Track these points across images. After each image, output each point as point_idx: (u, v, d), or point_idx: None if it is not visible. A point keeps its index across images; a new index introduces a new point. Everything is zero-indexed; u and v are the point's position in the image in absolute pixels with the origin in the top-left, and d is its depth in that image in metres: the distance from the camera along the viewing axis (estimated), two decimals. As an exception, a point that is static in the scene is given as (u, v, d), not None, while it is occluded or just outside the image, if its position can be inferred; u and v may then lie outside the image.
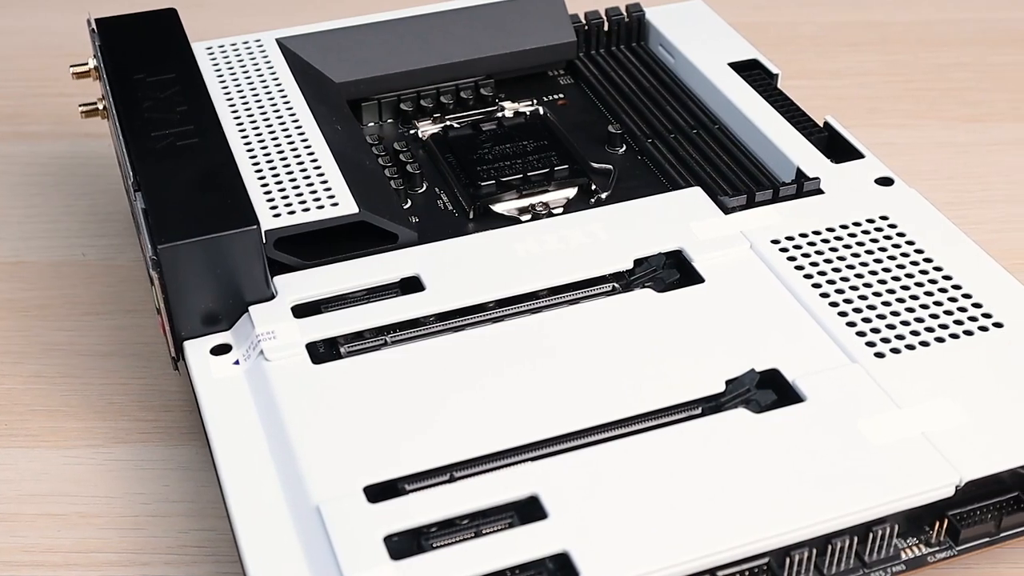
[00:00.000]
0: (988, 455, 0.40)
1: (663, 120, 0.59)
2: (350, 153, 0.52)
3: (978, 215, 0.62)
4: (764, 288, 0.47)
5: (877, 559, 0.39)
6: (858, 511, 0.38)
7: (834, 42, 0.77)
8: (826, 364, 0.44)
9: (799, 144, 0.55)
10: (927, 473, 0.40)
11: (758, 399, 0.43)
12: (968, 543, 0.40)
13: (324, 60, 0.59)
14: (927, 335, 0.45)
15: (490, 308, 0.47)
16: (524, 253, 0.49)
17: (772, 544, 0.38)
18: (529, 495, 0.39)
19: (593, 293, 0.48)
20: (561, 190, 0.54)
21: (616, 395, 0.43)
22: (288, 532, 0.39)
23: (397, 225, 0.49)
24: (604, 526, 0.38)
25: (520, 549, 0.37)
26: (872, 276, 0.48)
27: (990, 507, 0.41)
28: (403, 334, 0.46)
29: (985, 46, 0.77)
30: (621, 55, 0.64)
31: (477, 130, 0.58)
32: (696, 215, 0.51)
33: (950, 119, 0.70)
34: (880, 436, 0.41)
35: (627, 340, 0.45)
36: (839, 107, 0.71)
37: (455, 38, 0.61)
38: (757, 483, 0.39)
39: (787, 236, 0.50)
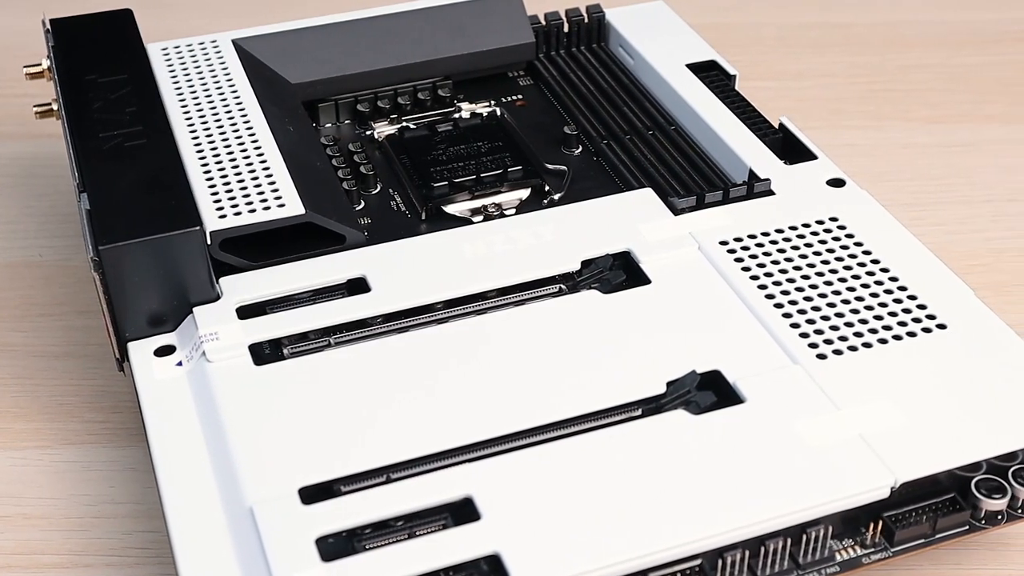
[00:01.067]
0: (924, 457, 0.40)
1: (619, 121, 0.59)
2: (301, 154, 0.52)
3: (936, 216, 0.62)
4: (710, 289, 0.47)
5: (811, 560, 0.39)
6: (791, 513, 0.38)
7: (798, 43, 0.77)
8: (768, 366, 0.44)
9: (752, 145, 0.55)
10: (862, 475, 0.40)
11: (698, 400, 0.43)
12: (903, 544, 0.40)
13: (280, 61, 0.59)
14: (870, 336, 0.45)
15: (436, 309, 0.47)
16: (472, 254, 0.49)
17: (705, 546, 0.38)
18: (463, 497, 0.39)
19: (539, 294, 0.48)
20: (514, 191, 0.54)
21: (557, 396, 0.43)
22: (222, 533, 0.38)
23: (344, 226, 0.49)
24: (537, 528, 0.38)
25: (451, 551, 0.37)
26: (819, 278, 0.48)
27: (926, 508, 0.41)
28: (347, 335, 0.46)
29: (949, 48, 0.77)
30: (581, 56, 0.64)
31: (432, 131, 0.58)
32: (646, 216, 0.51)
33: (912, 120, 0.70)
34: (817, 438, 0.41)
35: (571, 341, 0.45)
36: (802, 108, 0.71)
37: (413, 39, 0.61)
38: (692, 485, 0.39)
39: (736, 237, 0.50)
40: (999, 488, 0.41)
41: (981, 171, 0.65)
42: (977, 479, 0.41)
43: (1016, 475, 0.41)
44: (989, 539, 0.46)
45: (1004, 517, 0.41)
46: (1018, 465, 0.41)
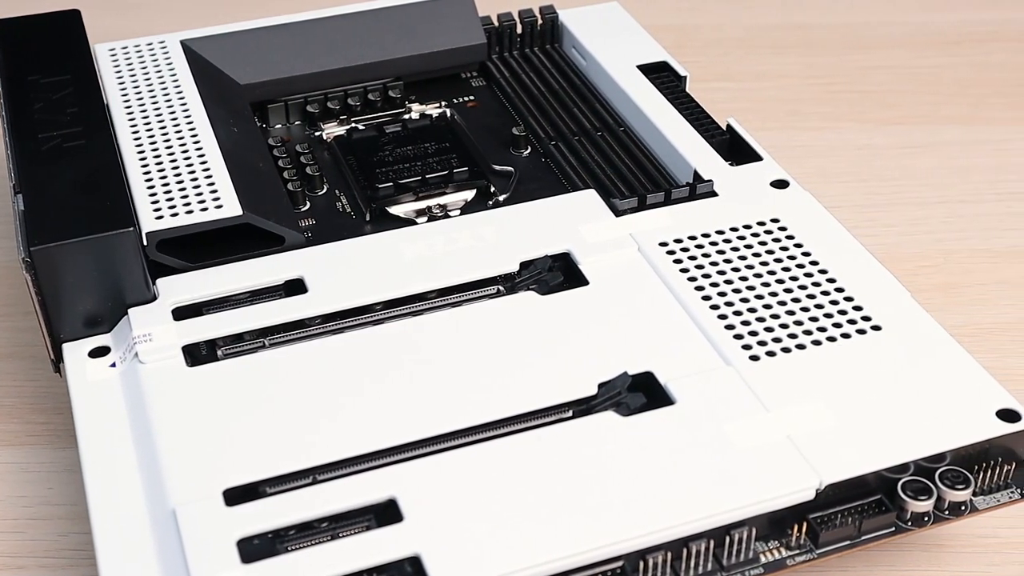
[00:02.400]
0: (851, 458, 0.40)
1: (569, 122, 0.59)
2: (243, 155, 0.52)
3: (888, 218, 0.62)
4: (647, 291, 0.47)
5: (735, 562, 0.39)
6: (714, 515, 0.38)
7: (759, 44, 0.77)
8: (700, 367, 0.44)
9: (698, 146, 0.55)
10: (787, 476, 0.40)
11: (628, 402, 0.43)
12: (828, 546, 0.40)
13: (229, 62, 0.59)
14: (804, 338, 0.45)
15: (374, 310, 0.47)
16: (411, 255, 0.49)
17: (626, 548, 0.38)
18: (388, 498, 0.39)
19: (477, 295, 0.48)
20: (459, 192, 0.54)
21: (489, 398, 0.43)
22: (145, 535, 0.38)
23: (283, 227, 0.49)
24: (458, 529, 0.38)
25: (370, 553, 0.37)
26: (756, 279, 0.48)
27: (851, 510, 0.40)
28: (282, 336, 0.46)
29: (910, 49, 0.77)
30: (535, 57, 0.64)
31: (381, 132, 0.58)
32: (587, 218, 0.51)
33: (869, 122, 0.70)
34: (744, 439, 0.41)
35: (506, 343, 0.45)
36: (759, 109, 0.71)
37: (363, 40, 0.61)
38: (616, 487, 0.39)
39: (676, 239, 0.50)
40: (925, 490, 0.41)
41: (936, 172, 0.65)
42: (904, 481, 0.41)
43: (943, 477, 0.41)
44: (923, 540, 0.46)
45: (931, 518, 0.41)
46: (945, 467, 0.41)
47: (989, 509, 0.42)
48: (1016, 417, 0.42)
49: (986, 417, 0.42)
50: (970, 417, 0.42)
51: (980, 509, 0.41)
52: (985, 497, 0.42)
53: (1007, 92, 0.72)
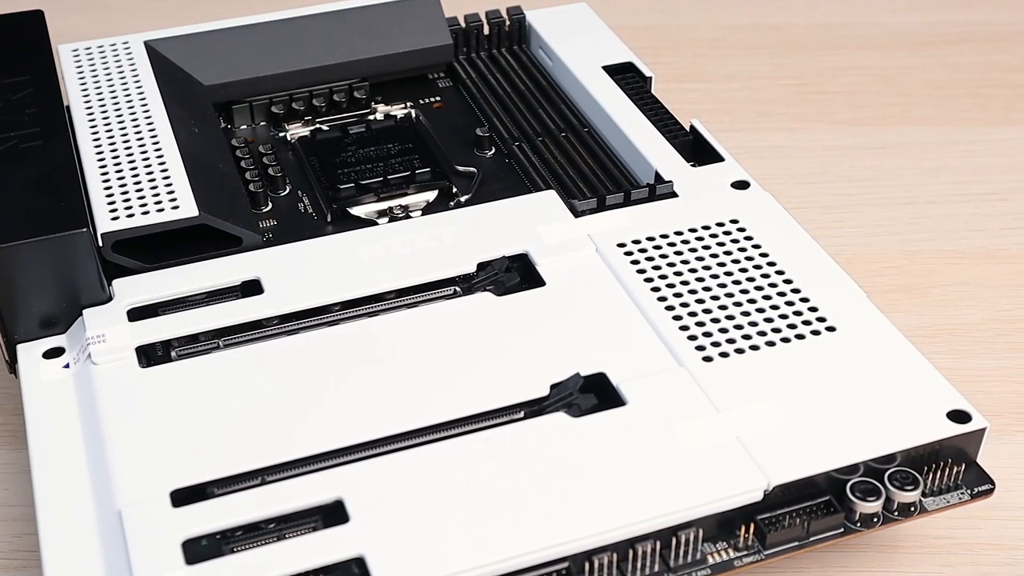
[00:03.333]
0: (799, 459, 0.40)
1: (533, 123, 0.59)
2: (203, 156, 0.52)
3: (855, 219, 0.62)
4: (603, 292, 0.47)
5: (682, 563, 0.39)
6: (660, 516, 0.38)
7: (732, 45, 0.77)
8: (653, 368, 0.44)
9: (660, 147, 0.55)
10: (735, 478, 0.40)
11: (579, 403, 0.43)
12: (776, 547, 0.40)
13: (193, 63, 0.59)
14: (758, 339, 0.45)
15: (331, 311, 0.47)
16: (368, 256, 0.49)
17: (570, 549, 0.38)
18: (335, 499, 0.39)
19: (433, 296, 0.48)
20: (421, 193, 0.54)
21: (441, 399, 0.43)
22: (91, 537, 0.38)
23: (241, 228, 0.49)
24: (404, 531, 0.38)
25: (315, 554, 0.37)
26: (713, 280, 0.48)
27: (800, 511, 0.40)
28: (236, 337, 0.46)
29: (881, 50, 0.77)
30: (502, 58, 0.64)
31: (345, 133, 0.58)
32: (546, 219, 0.51)
33: (838, 122, 0.70)
34: (693, 440, 0.41)
35: (461, 344, 0.45)
36: (730, 110, 0.71)
37: (328, 41, 0.61)
38: (562, 488, 0.39)
39: (634, 240, 0.50)
40: (874, 491, 0.41)
41: (903, 173, 0.66)
42: (853, 482, 0.41)
43: (892, 478, 0.41)
44: (877, 541, 0.46)
45: (880, 520, 0.41)
46: (895, 468, 0.41)
47: (939, 510, 0.42)
48: (966, 418, 0.42)
49: (936, 418, 0.42)
50: (920, 418, 0.42)
51: (930, 510, 0.41)
52: (935, 498, 0.42)
53: (977, 93, 0.72)
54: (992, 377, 0.53)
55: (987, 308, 0.56)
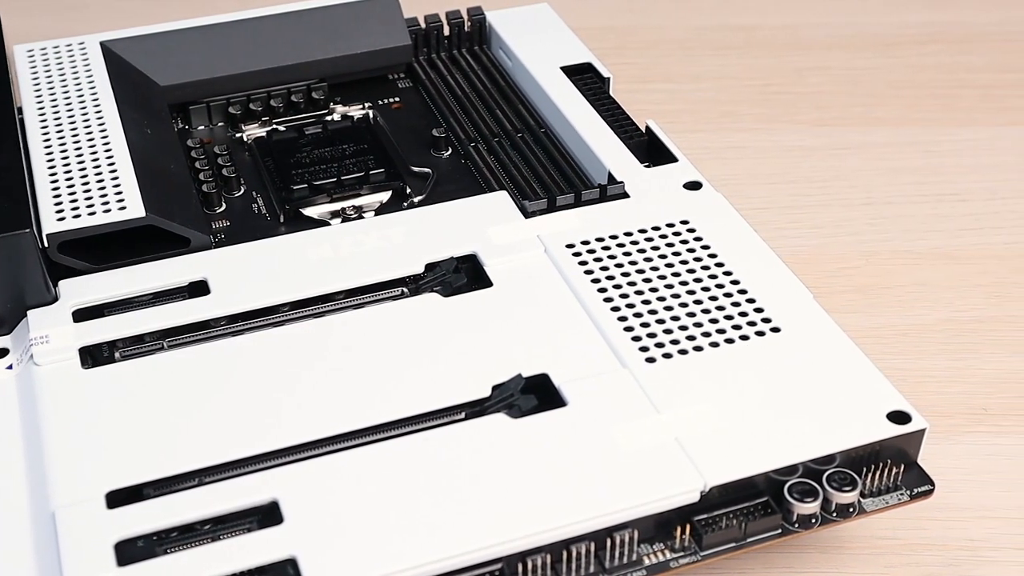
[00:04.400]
0: (737, 460, 0.40)
1: (491, 124, 0.59)
2: (154, 157, 0.52)
3: (813, 219, 0.62)
4: (550, 293, 0.47)
5: (618, 564, 0.39)
6: (594, 517, 0.38)
7: (699, 46, 0.77)
8: (596, 369, 0.44)
9: (614, 148, 0.55)
10: (672, 479, 0.40)
11: (520, 404, 0.43)
12: (713, 548, 0.40)
13: (149, 63, 0.59)
14: (703, 340, 0.45)
15: (276, 312, 0.47)
16: (317, 257, 0.49)
17: (503, 550, 0.38)
18: (270, 500, 0.39)
19: (380, 297, 0.48)
20: (375, 194, 0.54)
21: (383, 400, 0.43)
22: (25, 539, 0.38)
23: (189, 229, 0.49)
24: (338, 532, 0.38)
25: (247, 555, 0.37)
26: (660, 281, 0.48)
27: (737, 512, 0.40)
28: (182, 338, 0.46)
29: (848, 50, 0.77)
30: (462, 59, 0.64)
31: (301, 134, 0.58)
32: (496, 219, 0.51)
33: (802, 123, 0.70)
34: (632, 442, 0.41)
35: (405, 344, 0.45)
36: (695, 110, 0.71)
37: (286, 41, 0.60)
38: (498, 489, 0.39)
39: (583, 240, 0.50)
40: (811, 492, 0.41)
41: (864, 174, 0.65)
42: (791, 483, 0.41)
43: (830, 479, 0.41)
44: (822, 542, 0.46)
45: (818, 520, 0.41)
46: (834, 469, 0.41)
47: (878, 511, 0.42)
48: (906, 419, 0.42)
49: (876, 419, 0.42)
50: (860, 419, 0.42)
51: (868, 511, 0.41)
52: (875, 499, 0.42)
53: (940, 94, 0.72)
54: (944, 378, 0.53)
55: (942, 309, 0.56)
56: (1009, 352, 0.54)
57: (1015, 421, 0.50)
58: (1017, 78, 0.73)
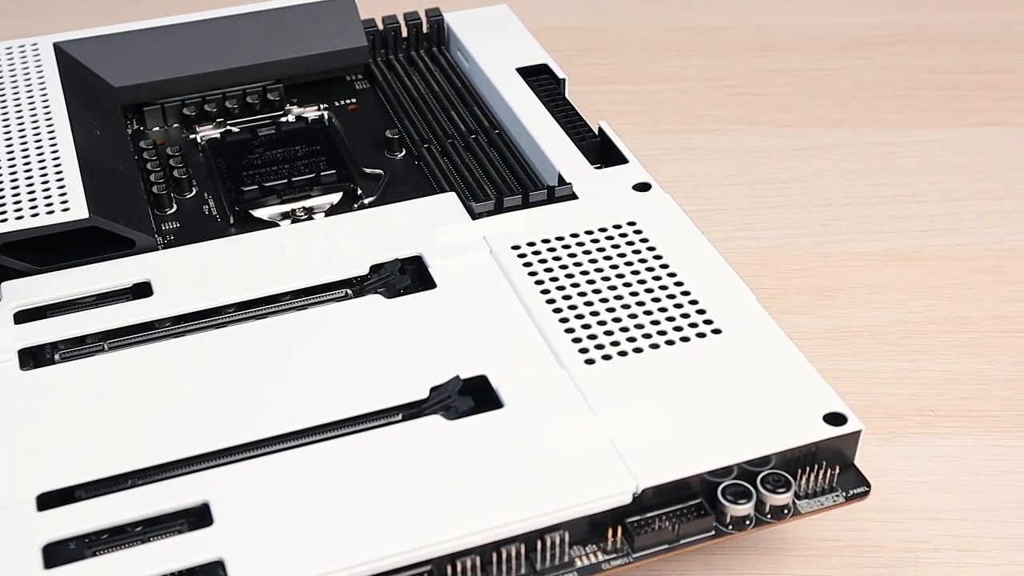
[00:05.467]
0: (671, 462, 0.40)
1: (445, 125, 0.59)
2: (102, 158, 0.52)
3: (770, 220, 0.62)
4: (493, 294, 0.47)
5: (549, 566, 0.39)
6: (524, 519, 0.38)
7: (664, 47, 0.77)
8: (534, 371, 0.44)
9: (565, 149, 0.55)
10: (604, 481, 0.39)
11: (457, 406, 0.43)
12: (644, 550, 0.40)
13: (102, 64, 0.59)
14: (643, 342, 0.45)
15: (220, 314, 0.47)
16: (262, 258, 0.49)
17: (431, 552, 0.38)
18: (201, 502, 0.39)
19: (323, 299, 0.48)
20: (325, 195, 0.54)
21: (320, 402, 0.43)
22: (-47, 541, 0.38)
23: (133, 231, 0.49)
24: (267, 534, 0.38)
25: (174, 557, 0.37)
26: (604, 283, 0.48)
27: (670, 514, 0.40)
28: (122, 339, 0.46)
29: (814, 51, 0.77)
30: (420, 60, 0.64)
31: (254, 135, 0.58)
32: (443, 221, 0.51)
33: (763, 124, 0.70)
34: (567, 443, 0.41)
35: (346, 346, 0.45)
36: (657, 112, 0.71)
37: (242, 43, 0.60)
38: (429, 491, 0.39)
39: (529, 242, 0.49)
40: (745, 493, 0.40)
41: (823, 175, 0.65)
42: (725, 485, 0.41)
43: (764, 481, 0.41)
44: (763, 543, 0.46)
45: (752, 522, 0.41)
46: (768, 470, 0.41)
47: (813, 512, 0.42)
48: (842, 420, 0.42)
49: (812, 421, 0.42)
50: (796, 421, 0.42)
51: (803, 512, 0.41)
52: (810, 500, 0.42)
53: (904, 95, 0.72)
54: (893, 380, 0.52)
55: (895, 310, 0.56)
56: (958, 354, 0.54)
57: (961, 423, 0.50)
58: (979, 80, 0.73)
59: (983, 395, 0.52)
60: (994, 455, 0.49)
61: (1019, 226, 0.61)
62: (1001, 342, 0.54)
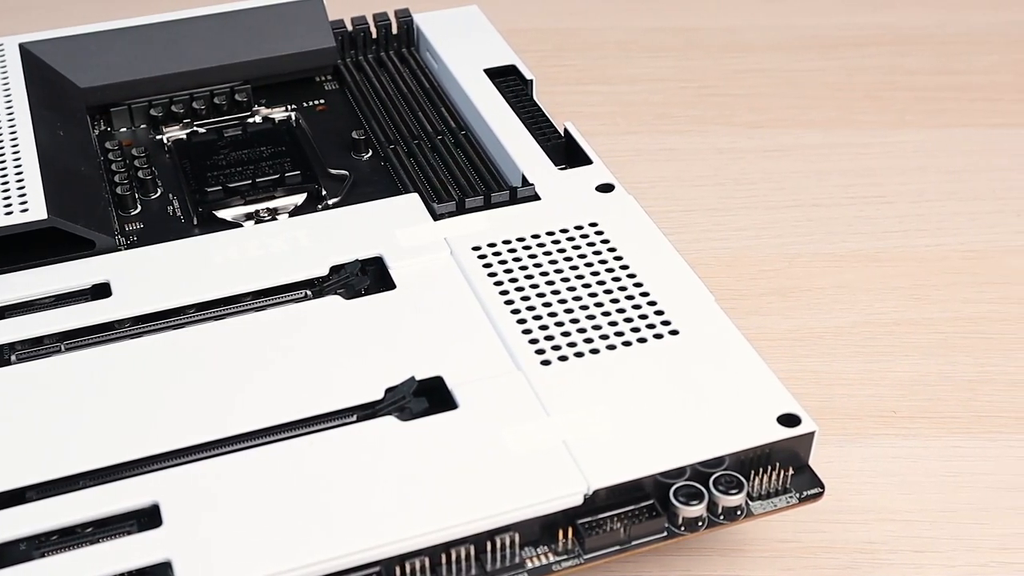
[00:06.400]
0: (623, 463, 0.40)
1: (412, 126, 0.59)
2: (64, 159, 0.52)
3: (738, 221, 0.62)
4: (452, 296, 0.47)
5: (499, 568, 0.39)
6: (474, 520, 0.38)
7: (638, 48, 0.77)
8: (490, 372, 0.44)
9: (530, 150, 0.55)
10: (556, 482, 0.39)
11: (411, 407, 0.43)
12: (596, 551, 0.40)
13: (68, 65, 0.59)
14: (600, 343, 0.45)
15: (180, 315, 0.47)
16: (222, 259, 0.49)
17: (379, 554, 0.38)
18: (151, 503, 0.39)
19: (282, 300, 0.48)
20: (290, 196, 0.54)
21: (276, 403, 0.43)
22: (-95, 542, 0.38)
23: (93, 232, 0.49)
24: (215, 535, 0.38)
25: (123, 558, 0.37)
26: (564, 283, 0.48)
27: (621, 515, 0.40)
28: (80, 340, 0.46)
29: (787, 52, 0.77)
30: (389, 61, 0.64)
31: (220, 136, 0.58)
32: (405, 222, 0.51)
33: (735, 125, 0.70)
34: (520, 444, 0.41)
35: (305, 347, 0.45)
36: (629, 113, 0.71)
37: (210, 44, 0.60)
38: (380, 492, 0.39)
39: (490, 243, 0.49)
40: (697, 495, 0.40)
41: (793, 176, 0.65)
42: (677, 486, 0.41)
43: (717, 482, 0.41)
44: (721, 545, 0.46)
45: (705, 523, 0.41)
46: (721, 472, 0.41)
47: (766, 513, 0.42)
48: (796, 422, 0.42)
49: (766, 422, 0.42)
50: (750, 422, 0.42)
51: (756, 514, 0.41)
52: (763, 502, 0.42)
53: (875, 96, 0.72)
54: (856, 380, 0.53)
55: (860, 311, 0.56)
56: (921, 355, 0.54)
57: (922, 424, 0.50)
58: (950, 81, 0.73)
59: (945, 396, 0.52)
60: (954, 456, 0.49)
61: (986, 227, 0.61)
62: (964, 343, 0.54)
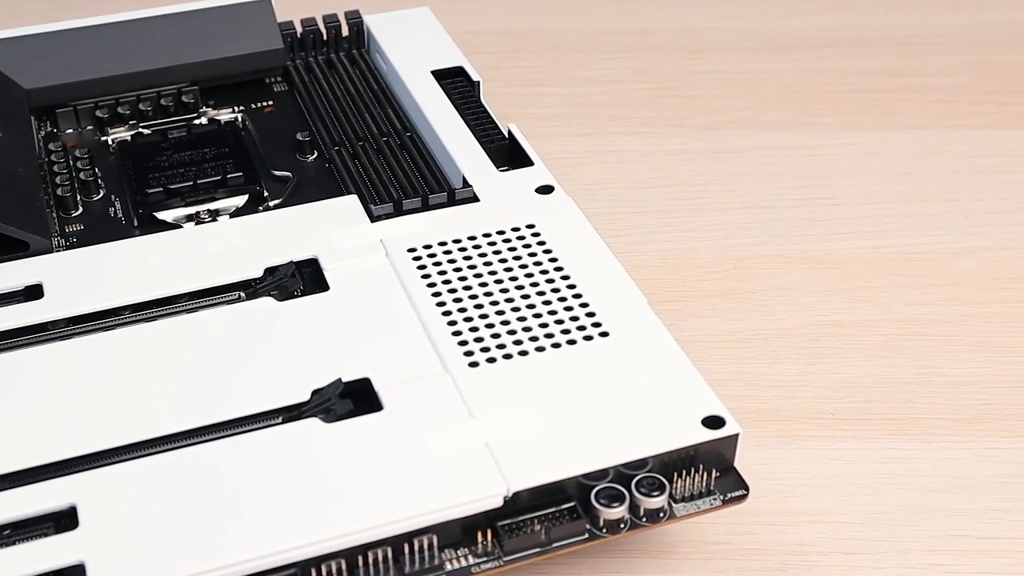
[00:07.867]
0: (544, 465, 0.40)
1: (358, 128, 0.59)
2: (1, 161, 0.52)
3: (686, 223, 0.62)
4: (385, 297, 0.47)
5: (417, 569, 0.39)
6: (390, 523, 0.38)
7: (594, 49, 0.77)
8: (418, 374, 0.44)
9: (471, 152, 0.55)
10: (475, 484, 0.39)
11: (336, 408, 0.42)
12: (515, 553, 0.40)
13: (12, 65, 0.58)
14: (530, 345, 0.45)
15: (113, 316, 0.47)
16: (157, 261, 0.49)
17: (294, 556, 0.37)
18: (69, 506, 0.39)
19: (215, 301, 0.48)
20: (231, 198, 0.54)
21: (201, 404, 0.43)
22: None
23: (27, 233, 0.49)
24: (131, 537, 0.38)
25: (36, 560, 0.37)
26: (497, 285, 0.47)
27: (542, 517, 0.40)
28: (8, 342, 0.46)
29: (743, 54, 0.77)
30: (339, 63, 0.64)
31: (164, 137, 0.58)
32: (342, 223, 0.51)
33: (688, 127, 0.70)
34: (441, 446, 0.41)
35: (236, 349, 0.45)
36: (582, 114, 0.71)
37: (156, 44, 0.60)
38: (297, 494, 0.39)
39: (425, 245, 0.49)
40: (618, 497, 0.40)
41: (744, 178, 0.65)
42: (599, 488, 0.41)
43: (639, 484, 0.41)
44: (652, 547, 0.46)
45: (628, 525, 0.41)
46: (644, 474, 0.41)
47: (689, 516, 0.41)
48: (720, 424, 0.42)
49: (690, 424, 0.42)
50: (674, 424, 0.42)
51: (679, 516, 0.41)
52: (687, 504, 0.42)
53: (830, 98, 0.72)
54: (796, 382, 0.52)
55: (803, 313, 0.56)
56: (862, 356, 0.53)
57: (860, 426, 0.50)
58: (905, 82, 0.73)
59: (883, 398, 0.52)
60: (890, 458, 0.49)
61: (932, 228, 0.61)
62: (905, 344, 0.54)
